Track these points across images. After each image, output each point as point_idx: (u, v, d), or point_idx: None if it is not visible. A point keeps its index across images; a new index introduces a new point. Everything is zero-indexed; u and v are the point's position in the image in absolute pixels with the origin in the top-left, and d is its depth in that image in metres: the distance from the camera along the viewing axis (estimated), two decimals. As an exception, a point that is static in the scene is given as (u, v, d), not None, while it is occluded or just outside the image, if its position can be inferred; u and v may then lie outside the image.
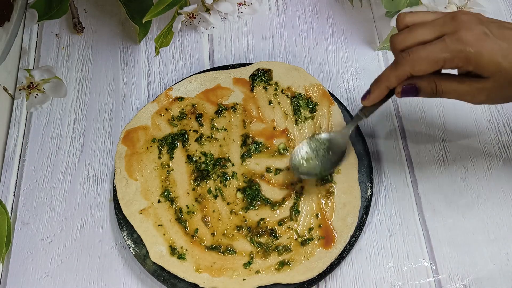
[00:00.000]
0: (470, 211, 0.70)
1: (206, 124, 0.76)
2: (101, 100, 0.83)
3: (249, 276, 0.66)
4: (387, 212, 0.71)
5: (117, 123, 0.81)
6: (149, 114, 0.77)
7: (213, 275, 0.66)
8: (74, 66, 0.87)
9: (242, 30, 0.87)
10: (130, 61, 0.86)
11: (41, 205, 0.76)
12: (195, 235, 0.69)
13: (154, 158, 0.74)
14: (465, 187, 0.71)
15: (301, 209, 0.69)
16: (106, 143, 0.79)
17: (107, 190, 0.76)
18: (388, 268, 0.67)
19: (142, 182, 0.72)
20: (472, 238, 0.68)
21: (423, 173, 0.73)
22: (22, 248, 0.73)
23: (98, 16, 0.91)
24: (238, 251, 0.68)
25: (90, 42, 0.89)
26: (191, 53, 0.86)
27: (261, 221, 0.69)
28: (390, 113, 0.77)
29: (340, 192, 0.70)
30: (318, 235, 0.67)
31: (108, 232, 0.73)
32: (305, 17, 0.88)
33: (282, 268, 0.66)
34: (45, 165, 0.78)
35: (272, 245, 0.68)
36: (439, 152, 0.74)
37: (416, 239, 0.69)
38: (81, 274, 0.71)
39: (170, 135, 0.75)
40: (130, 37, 0.88)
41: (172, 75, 0.84)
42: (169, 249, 0.68)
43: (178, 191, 0.72)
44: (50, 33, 0.90)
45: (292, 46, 0.85)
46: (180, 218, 0.70)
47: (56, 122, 0.82)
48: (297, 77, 0.77)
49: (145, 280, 0.70)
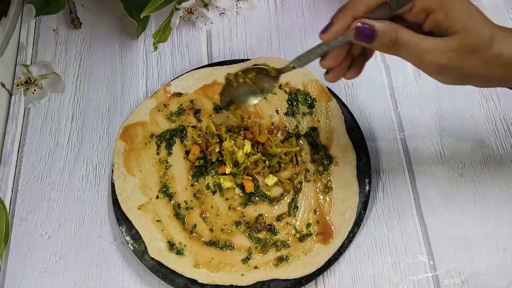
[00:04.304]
0: (467, 207, 0.70)
1: (204, 119, 0.76)
2: (99, 96, 0.83)
3: (248, 272, 0.66)
4: (385, 207, 0.71)
5: (115, 118, 0.81)
6: (147, 110, 0.77)
7: (212, 271, 0.66)
8: (72, 62, 0.86)
9: (240, 26, 0.87)
10: (128, 56, 0.86)
11: (39, 201, 0.76)
12: (194, 231, 0.69)
13: (152, 154, 0.74)
14: (463, 183, 0.71)
15: (300, 205, 0.70)
16: (104, 138, 0.79)
17: (106, 185, 0.76)
18: (386, 264, 0.68)
19: (140, 178, 0.72)
20: (470, 233, 0.68)
21: (421, 168, 0.73)
22: (21, 244, 0.73)
23: (96, 11, 0.91)
24: (237, 246, 0.68)
25: (88, 38, 0.89)
26: (189, 49, 0.86)
27: (259, 216, 0.69)
28: (388, 109, 0.77)
29: (338, 188, 0.70)
30: (316, 230, 0.68)
31: (107, 228, 0.73)
32: (302, 12, 0.88)
33: (280, 264, 0.66)
34: (43, 161, 0.78)
35: (270, 241, 0.68)
36: (436, 147, 0.74)
37: (414, 235, 0.69)
38: (80, 270, 0.71)
39: (168, 131, 0.75)
40: (128, 33, 0.88)
41: (170, 71, 0.84)
42: (168, 244, 0.68)
43: (177, 187, 0.72)
44: (47, 29, 0.90)
45: (290, 42, 0.85)
46: (179, 214, 0.70)
47: (54, 118, 0.82)
48: (295, 73, 0.77)
49: (143, 276, 0.70)
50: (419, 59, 0.50)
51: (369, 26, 0.48)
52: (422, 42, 0.49)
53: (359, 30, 0.48)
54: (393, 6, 0.48)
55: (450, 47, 0.49)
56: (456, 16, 0.48)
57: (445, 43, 0.49)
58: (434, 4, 0.48)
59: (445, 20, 0.48)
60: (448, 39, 0.49)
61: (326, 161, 0.71)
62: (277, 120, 0.75)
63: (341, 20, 0.49)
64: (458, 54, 0.49)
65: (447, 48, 0.49)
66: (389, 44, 0.49)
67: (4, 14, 0.85)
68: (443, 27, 0.48)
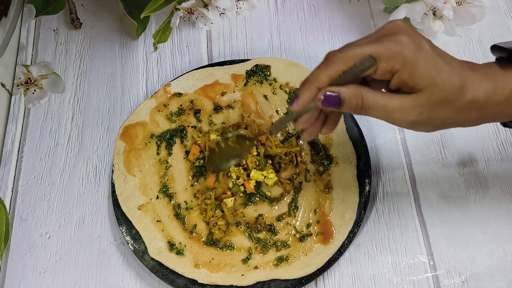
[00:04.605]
0: (468, 207, 0.70)
1: (204, 120, 0.76)
2: (99, 96, 0.83)
3: (248, 272, 0.66)
4: (385, 207, 0.71)
5: (115, 119, 0.81)
6: (148, 110, 0.77)
7: (212, 271, 0.66)
8: (72, 62, 0.86)
9: (241, 26, 0.87)
10: (128, 56, 0.86)
11: (39, 201, 0.76)
12: (194, 231, 0.69)
13: (152, 154, 0.74)
14: (463, 183, 0.71)
15: (300, 205, 0.70)
16: (104, 139, 0.79)
17: (106, 186, 0.76)
18: (386, 264, 0.68)
19: (140, 178, 0.72)
20: (470, 233, 0.68)
21: (421, 168, 0.73)
22: (21, 244, 0.73)
23: (96, 12, 0.91)
24: (237, 246, 0.68)
25: (88, 38, 0.89)
26: (190, 49, 0.86)
27: (259, 217, 0.69)
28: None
29: (338, 188, 0.70)
30: (316, 230, 0.68)
31: (107, 228, 0.73)
32: (303, 12, 0.88)
33: (280, 264, 0.66)
34: (43, 161, 0.78)
35: (270, 241, 0.68)
36: (437, 147, 0.74)
37: (414, 235, 0.69)
38: (80, 270, 0.71)
39: (168, 131, 0.75)
40: (128, 33, 0.88)
41: (170, 71, 0.84)
42: (168, 244, 0.68)
43: (177, 187, 0.72)
44: (47, 29, 0.90)
45: (290, 42, 0.85)
46: (179, 214, 0.70)
47: (54, 118, 0.82)
48: (296, 73, 0.77)
49: (143, 276, 0.70)
50: (388, 118, 0.50)
51: (335, 94, 0.49)
52: (389, 102, 0.49)
53: (326, 99, 0.49)
54: (357, 72, 0.48)
55: (418, 103, 0.48)
56: (421, 73, 0.47)
57: (412, 101, 0.48)
58: (397, 65, 0.47)
59: (410, 79, 0.48)
60: (415, 96, 0.48)
61: (326, 161, 0.71)
62: (277, 120, 0.75)
63: (306, 93, 0.50)
64: (427, 109, 0.48)
65: (415, 105, 0.48)
66: (356, 108, 0.49)
67: (4, 14, 0.85)
68: (409, 85, 0.48)
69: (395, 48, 0.47)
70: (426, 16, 0.78)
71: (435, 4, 0.77)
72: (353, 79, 0.49)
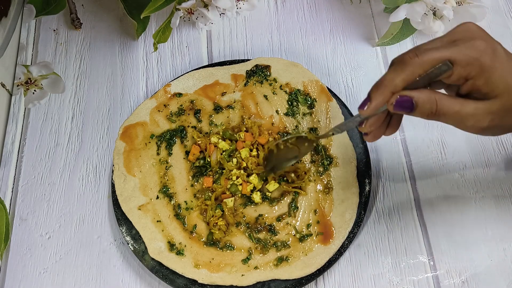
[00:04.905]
0: (468, 207, 0.70)
1: (204, 120, 0.76)
2: (99, 96, 0.83)
3: (248, 272, 0.66)
4: (385, 208, 0.71)
5: (115, 119, 0.81)
6: (148, 110, 0.77)
7: (212, 271, 0.66)
8: (72, 62, 0.86)
9: (241, 26, 0.87)
10: (128, 57, 0.86)
11: (39, 201, 0.76)
12: (194, 231, 0.69)
13: (152, 154, 0.74)
14: (463, 183, 0.71)
15: (300, 205, 0.70)
16: (105, 139, 0.79)
17: (106, 186, 0.76)
18: (386, 264, 0.68)
19: (140, 178, 0.72)
20: (470, 233, 0.68)
21: (421, 168, 0.73)
22: (21, 244, 0.73)
23: (96, 12, 0.91)
24: (237, 247, 0.68)
25: (88, 38, 0.89)
26: (190, 49, 0.86)
27: (259, 217, 0.69)
28: (388, 109, 0.77)
29: (338, 188, 0.70)
30: (316, 231, 0.68)
31: (107, 228, 0.73)
32: (303, 13, 0.88)
33: (280, 264, 0.66)
34: (43, 161, 0.78)
35: (270, 241, 0.68)
36: (437, 147, 0.74)
37: (414, 235, 0.69)
38: (80, 270, 0.71)
39: (168, 131, 0.75)
40: (128, 33, 0.88)
41: (170, 71, 0.84)
42: (168, 245, 0.68)
43: (177, 187, 0.72)
44: (48, 29, 0.90)
45: (291, 42, 0.85)
46: (179, 214, 0.70)
47: (54, 118, 0.82)
48: (296, 73, 0.77)
49: (143, 276, 0.70)
50: (460, 124, 0.50)
51: (408, 98, 0.48)
52: (463, 108, 0.48)
53: (399, 103, 0.48)
54: (432, 76, 0.48)
55: (492, 110, 0.48)
56: (497, 80, 0.47)
57: (486, 107, 0.48)
58: (474, 71, 0.47)
59: (485, 86, 0.47)
60: (489, 102, 0.48)
61: (326, 161, 0.71)
62: (277, 121, 0.75)
63: (380, 97, 0.49)
64: (500, 115, 0.48)
65: (489, 111, 0.48)
66: (429, 113, 0.49)
67: (4, 15, 0.85)
68: (483, 91, 0.48)
69: (473, 54, 0.47)
70: (426, 16, 0.78)
71: (435, 4, 0.77)
72: (424, 83, 0.49)
